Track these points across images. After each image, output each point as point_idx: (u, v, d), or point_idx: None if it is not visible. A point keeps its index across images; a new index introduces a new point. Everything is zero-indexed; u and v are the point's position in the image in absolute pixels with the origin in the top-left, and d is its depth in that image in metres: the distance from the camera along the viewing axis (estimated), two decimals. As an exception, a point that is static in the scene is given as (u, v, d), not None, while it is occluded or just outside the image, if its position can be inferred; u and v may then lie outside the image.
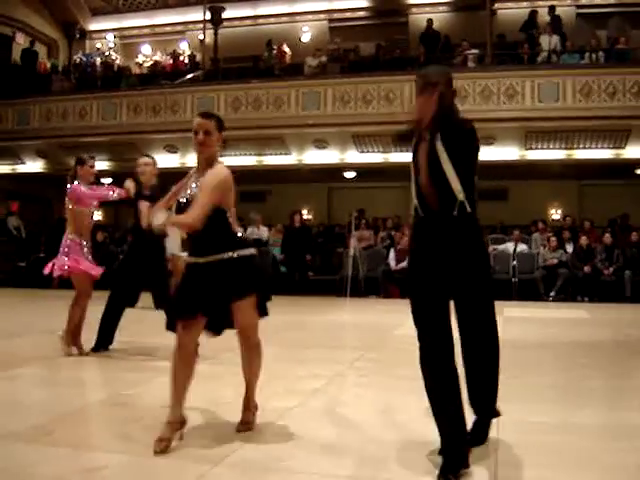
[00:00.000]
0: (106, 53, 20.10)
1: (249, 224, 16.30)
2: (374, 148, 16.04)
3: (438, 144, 3.31)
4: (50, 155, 18.22)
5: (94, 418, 4.52)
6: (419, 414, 4.06)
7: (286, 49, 17.96)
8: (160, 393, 4.41)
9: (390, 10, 19.66)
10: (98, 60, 19.65)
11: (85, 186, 6.57)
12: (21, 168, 18.95)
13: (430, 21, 17.65)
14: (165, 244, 6.70)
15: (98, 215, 5.93)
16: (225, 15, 18.88)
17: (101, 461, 3.43)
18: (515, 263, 14.43)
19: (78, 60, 19.87)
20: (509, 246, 14.96)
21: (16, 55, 20.02)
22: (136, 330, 7.84)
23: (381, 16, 19.78)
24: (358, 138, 15.74)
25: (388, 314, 11.15)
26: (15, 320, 9.72)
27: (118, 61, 20.28)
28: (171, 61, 19.37)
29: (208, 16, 18.49)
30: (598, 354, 7.33)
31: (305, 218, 16.91)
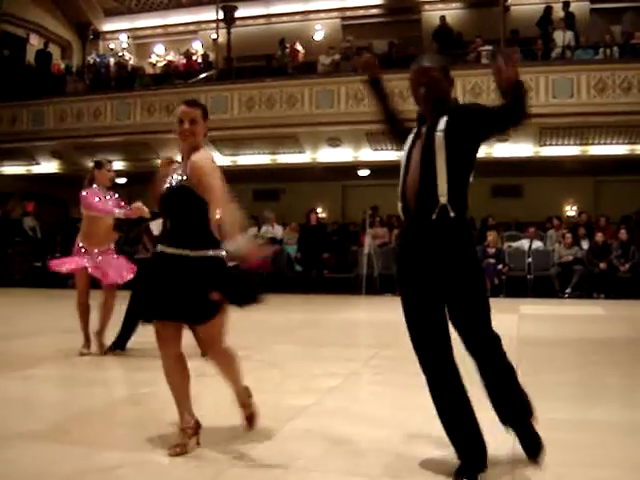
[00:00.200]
0: (119, 53, 20.14)
1: (263, 222, 16.32)
2: (388, 146, 15.99)
3: (437, 134, 3.11)
4: (65, 156, 18.30)
5: (110, 417, 4.54)
6: (435, 412, 4.04)
7: (299, 47, 17.96)
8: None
9: (403, 7, 19.62)
10: (112, 61, 19.69)
11: (101, 190, 6.63)
12: (36, 169, 19.03)
13: (443, 18, 17.58)
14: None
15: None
16: (238, 14, 18.91)
17: (117, 460, 3.44)
18: (530, 260, 14.34)
19: (92, 61, 19.95)
20: (524, 243, 14.87)
21: (30, 57, 20.10)
22: (152, 329, 7.85)
23: (394, 14, 19.73)
24: (372, 136, 15.68)
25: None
26: (31, 320, 9.78)
27: (132, 61, 20.33)
28: (184, 61, 19.36)
29: (221, 15, 18.54)
30: (613, 351, 7.30)
31: (320, 216, 16.90)
